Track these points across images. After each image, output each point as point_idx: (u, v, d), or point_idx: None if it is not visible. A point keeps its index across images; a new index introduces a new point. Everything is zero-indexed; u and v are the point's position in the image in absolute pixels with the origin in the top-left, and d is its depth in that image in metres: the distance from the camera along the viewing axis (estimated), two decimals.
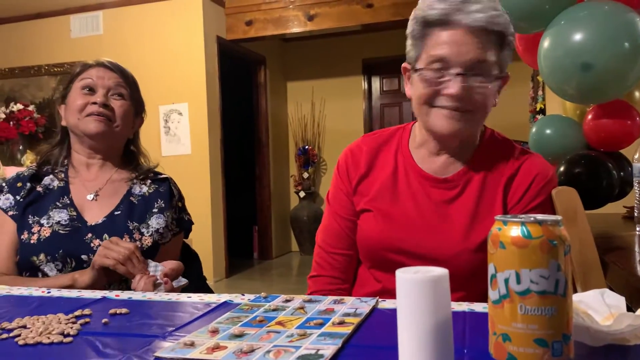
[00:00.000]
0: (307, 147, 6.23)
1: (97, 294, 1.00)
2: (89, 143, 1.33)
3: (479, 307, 0.81)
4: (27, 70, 5.28)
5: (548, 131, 1.95)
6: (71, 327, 0.77)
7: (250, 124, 6.06)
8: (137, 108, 1.40)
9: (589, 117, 1.80)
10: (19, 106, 4.88)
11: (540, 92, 4.11)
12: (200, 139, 4.82)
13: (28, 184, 1.31)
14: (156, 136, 4.80)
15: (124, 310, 0.86)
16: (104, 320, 0.81)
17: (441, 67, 0.99)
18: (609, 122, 1.74)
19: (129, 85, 1.36)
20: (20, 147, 4.86)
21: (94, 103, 1.29)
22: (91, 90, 1.32)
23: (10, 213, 1.28)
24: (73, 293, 1.02)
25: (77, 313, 0.84)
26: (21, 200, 1.29)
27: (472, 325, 0.73)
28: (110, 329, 0.79)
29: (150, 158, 1.45)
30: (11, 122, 4.80)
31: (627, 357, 0.60)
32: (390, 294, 1.00)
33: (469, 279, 1.01)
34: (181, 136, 4.81)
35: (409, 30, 1.05)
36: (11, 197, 1.29)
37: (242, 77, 6.03)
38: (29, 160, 4.56)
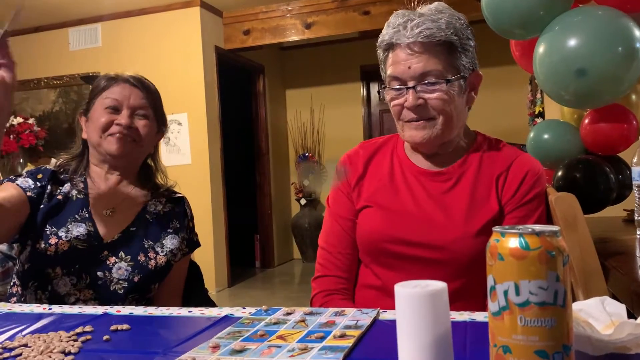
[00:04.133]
0: (307, 154, 6.24)
1: (99, 309, 1.00)
2: (110, 161, 1.32)
3: (480, 316, 0.81)
4: (26, 83, 5.29)
5: (546, 136, 1.96)
6: (72, 345, 0.77)
7: (250, 132, 6.07)
8: (159, 124, 1.37)
9: (586, 121, 1.81)
10: (19, 119, 4.90)
11: (538, 95, 4.12)
12: (200, 148, 4.83)
13: (48, 185, 1.27)
14: None
15: (125, 327, 0.86)
16: (105, 337, 0.81)
17: (398, 85, 1.10)
18: (606, 126, 1.74)
19: (153, 103, 1.33)
20: (21, 160, 4.87)
21: (119, 124, 1.27)
22: (116, 109, 1.28)
23: (29, 194, 1.24)
24: (74, 309, 1.02)
25: (79, 330, 0.84)
26: (40, 186, 1.25)
27: (473, 335, 0.73)
28: (111, 345, 0.79)
29: (167, 174, 1.42)
30: (11, 136, 4.81)
31: None
32: (389, 291, 1.04)
33: (470, 266, 1.05)
34: (181, 146, 4.82)
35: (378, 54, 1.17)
36: (31, 181, 1.26)
37: (241, 86, 6.05)
38: None
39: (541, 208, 1.10)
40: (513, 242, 0.56)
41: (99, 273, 1.23)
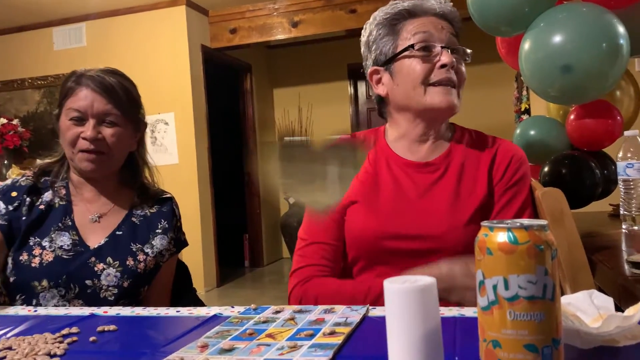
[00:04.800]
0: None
1: (85, 310, 0.99)
2: (85, 175, 1.28)
3: (469, 311, 0.81)
4: (10, 83, 5.23)
5: (532, 132, 1.97)
6: (58, 347, 0.75)
7: (238, 131, 6.05)
8: (134, 125, 1.31)
9: (572, 117, 1.82)
10: (3, 120, 4.83)
11: (524, 92, 4.14)
12: (187, 148, 4.80)
13: (27, 198, 1.24)
14: None
15: (112, 327, 0.85)
16: (92, 339, 0.80)
17: (426, 45, 1.09)
18: (591, 122, 1.76)
19: (120, 107, 1.25)
20: (5, 162, 4.81)
21: (85, 138, 1.21)
22: (80, 120, 1.22)
23: None
24: (60, 311, 1.00)
25: (64, 332, 0.83)
26: (14, 207, 1.23)
27: (462, 330, 0.73)
28: (98, 347, 0.78)
29: (155, 170, 1.38)
30: None
31: (617, 359, 0.60)
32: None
33: (464, 254, 1.02)
34: (168, 146, 4.79)
35: (371, 35, 1.17)
36: (2, 204, 1.23)
37: (229, 85, 6.02)
38: (14, 174, 4.51)
39: (526, 191, 1.11)
40: (501, 237, 0.56)
41: (87, 281, 1.19)
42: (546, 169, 1.73)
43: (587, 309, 0.69)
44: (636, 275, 0.96)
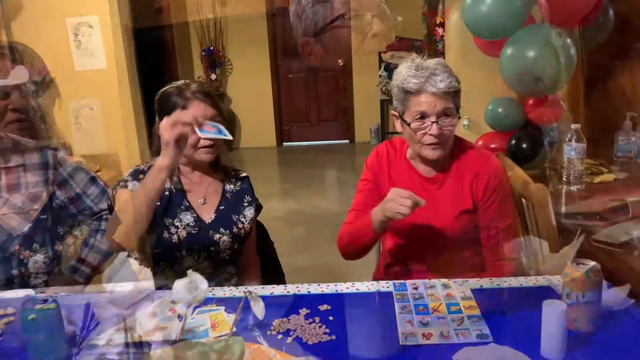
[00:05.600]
0: (212, 47, 6.39)
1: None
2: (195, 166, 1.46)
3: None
4: None
5: (500, 110, 2.33)
6: None
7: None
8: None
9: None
10: None
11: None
12: (114, 52, 4.43)
13: None
14: (66, 50, 4.34)
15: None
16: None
17: (421, 116, 1.37)
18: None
19: (218, 107, 1.44)
20: None
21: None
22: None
23: None
24: None
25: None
26: None
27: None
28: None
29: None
30: None
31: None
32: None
33: (459, 240, 1.40)
34: (94, 50, 4.41)
35: (394, 93, 1.42)
36: (137, 184, 1.34)
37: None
38: None
39: (499, 196, 1.41)
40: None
41: (211, 248, 1.29)
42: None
43: None
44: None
